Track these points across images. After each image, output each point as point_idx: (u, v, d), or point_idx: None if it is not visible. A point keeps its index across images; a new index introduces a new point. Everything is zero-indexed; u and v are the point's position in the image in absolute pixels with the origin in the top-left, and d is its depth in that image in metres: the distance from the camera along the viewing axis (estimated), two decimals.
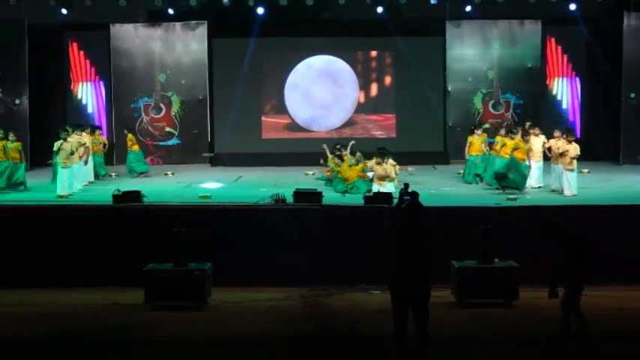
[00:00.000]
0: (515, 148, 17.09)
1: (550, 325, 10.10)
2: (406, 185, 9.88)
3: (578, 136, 18.37)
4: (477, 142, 18.95)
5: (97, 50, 24.01)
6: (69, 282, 14.02)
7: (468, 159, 18.99)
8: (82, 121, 21.33)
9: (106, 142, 20.74)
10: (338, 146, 18.77)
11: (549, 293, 9.84)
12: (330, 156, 18.94)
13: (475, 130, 19.20)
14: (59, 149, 16.86)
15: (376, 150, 17.58)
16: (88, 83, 24.24)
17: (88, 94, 24.20)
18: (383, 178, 16.83)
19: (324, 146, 19.45)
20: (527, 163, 17.14)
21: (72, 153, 16.99)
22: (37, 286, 13.85)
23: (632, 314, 12.21)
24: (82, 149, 17.92)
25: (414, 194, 9.28)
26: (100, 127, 20.85)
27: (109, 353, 10.50)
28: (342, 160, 17.88)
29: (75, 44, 24.01)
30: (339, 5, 21.65)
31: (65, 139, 17.04)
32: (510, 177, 16.66)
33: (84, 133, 18.93)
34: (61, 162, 16.79)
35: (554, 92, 24.11)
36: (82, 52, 24.08)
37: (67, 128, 17.86)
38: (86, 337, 11.13)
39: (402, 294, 8.96)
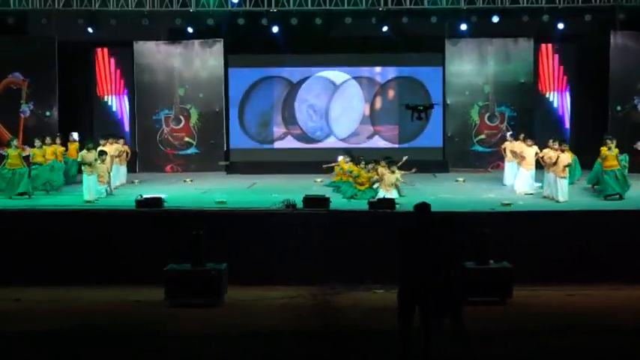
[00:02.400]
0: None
1: (542, 321, 10.10)
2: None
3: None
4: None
5: (121, 65, 24.15)
6: (95, 280, 14.04)
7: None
8: (107, 132, 21.35)
9: (129, 151, 20.73)
10: (361, 158, 18.41)
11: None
12: (341, 159, 18.85)
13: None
14: (85, 159, 16.91)
15: (383, 159, 17.58)
16: (113, 96, 24.40)
17: (113, 106, 24.40)
18: (391, 185, 16.82)
19: (340, 157, 19.41)
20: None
21: (96, 161, 17.04)
22: (66, 284, 13.89)
23: (624, 311, 12.22)
24: (108, 158, 17.96)
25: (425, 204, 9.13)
26: (123, 137, 20.86)
27: (134, 345, 10.49)
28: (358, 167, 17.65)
29: (102, 60, 24.21)
30: (346, 24, 21.67)
31: (89, 150, 17.12)
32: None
33: (108, 143, 18.99)
34: (87, 170, 16.84)
35: (547, 104, 24.19)
36: (107, 67, 24.24)
37: (92, 139, 17.94)
38: (112, 331, 11.14)
39: (410, 296, 8.80)
